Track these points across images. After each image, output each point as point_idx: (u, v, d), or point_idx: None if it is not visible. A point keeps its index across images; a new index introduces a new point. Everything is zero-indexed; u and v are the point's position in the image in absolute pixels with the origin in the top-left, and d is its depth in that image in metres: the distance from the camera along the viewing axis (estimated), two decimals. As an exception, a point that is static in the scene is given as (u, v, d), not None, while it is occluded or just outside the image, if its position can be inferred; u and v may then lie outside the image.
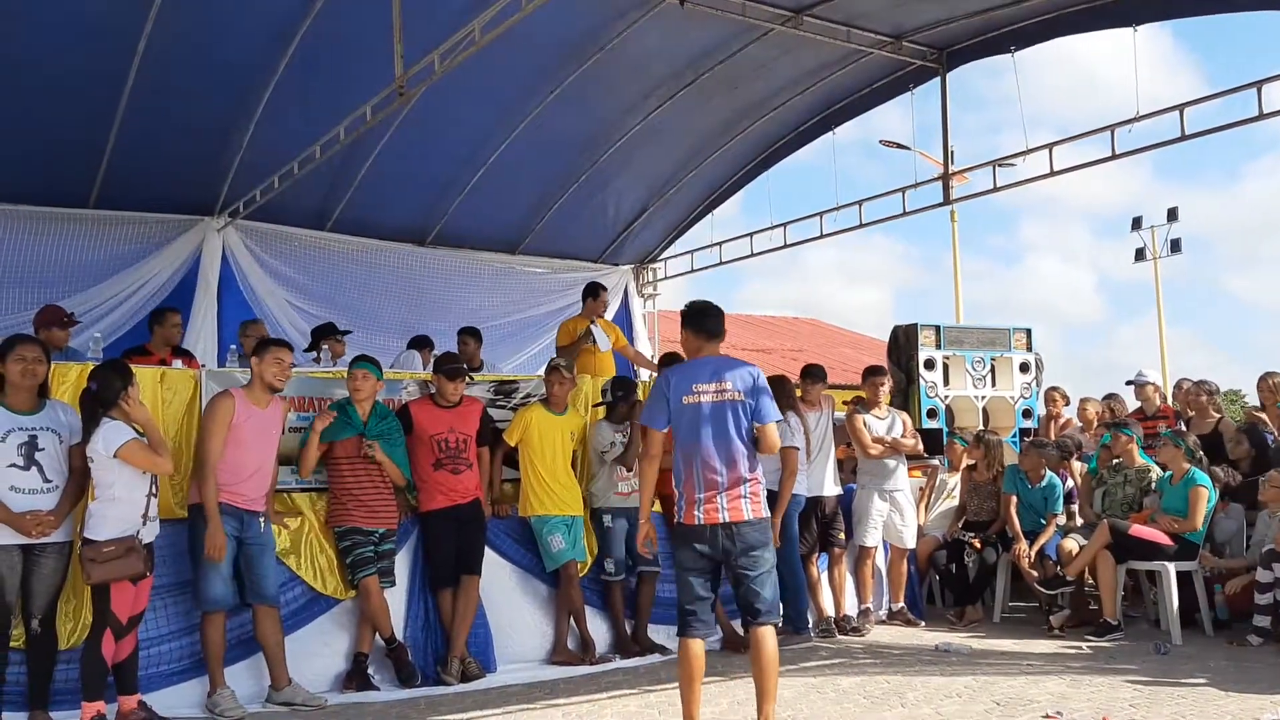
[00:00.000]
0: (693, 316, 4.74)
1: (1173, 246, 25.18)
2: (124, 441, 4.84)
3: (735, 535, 4.51)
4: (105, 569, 4.79)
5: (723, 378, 4.60)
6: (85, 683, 4.86)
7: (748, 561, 4.54)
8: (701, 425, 4.56)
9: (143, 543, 4.93)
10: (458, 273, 10.97)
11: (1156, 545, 7.03)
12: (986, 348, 9.54)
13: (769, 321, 26.73)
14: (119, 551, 4.81)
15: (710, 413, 4.56)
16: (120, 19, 7.18)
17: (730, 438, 4.55)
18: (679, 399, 4.58)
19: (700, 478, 4.55)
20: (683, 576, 4.60)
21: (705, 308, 4.76)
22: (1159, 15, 7.90)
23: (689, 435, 4.58)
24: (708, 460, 4.54)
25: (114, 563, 4.80)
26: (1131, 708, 5.11)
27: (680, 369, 4.72)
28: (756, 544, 4.55)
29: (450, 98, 8.48)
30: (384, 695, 5.73)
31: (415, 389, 6.63)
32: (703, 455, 4.55)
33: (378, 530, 5.92)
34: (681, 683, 4.56)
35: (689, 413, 4.57)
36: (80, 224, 9.01)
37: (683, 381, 4.62)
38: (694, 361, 4.71)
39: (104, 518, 4.86)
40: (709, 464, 4.54)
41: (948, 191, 9.21)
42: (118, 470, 4.86)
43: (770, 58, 8.91)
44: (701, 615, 4.58)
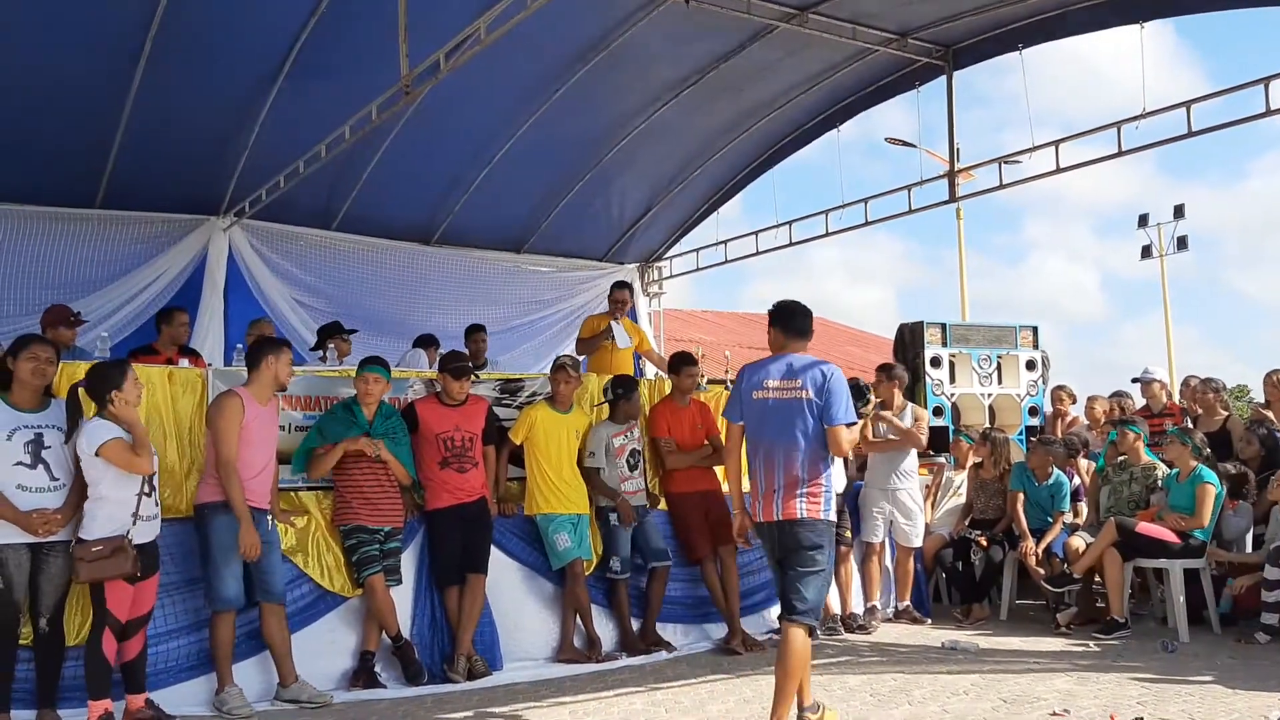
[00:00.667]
0: (781, 315, 4.79)
1: (1179, 244, 25.11)
2: (105, 440, 4.83)
3: (788, 534, 4.55)
4: (92, 568, 4.79)
5: (794, 376, 4.63)
6: (90, 681, 4.87)
7: (798, 559, 4.56)
8: (766, 421, 4.62)
9: (133, 542, 4.88)
10: (463, 272, 10.99)
11: (1163, 543, 7.01)
12: (993, 345, 9.53)
13: (774, 320, 26.67)
14: (106, 551, 4.80)
15: (775, 409, 4.61)
16: (126, 19, 7.20)
17: (794, 435, 4.56)
18: (749, 394, 4.65)
19: (763, 473, 4.62)
20: (776, 572, 4.73)
21: (795, 307, 4.81)
22: (1166, 12, 7.89)
23: (756, 430, 4.66)
24: (769, 456, 4.60)
25: (102, 562, 4.79)
26: (1139, 705, 5.09)
27: (757, 364, 4.76)
28: (808, 544, 4.55)
29: (455, 97, 8.48)
30: (390, 693, 5.74)
31: (421, 387, 6.64)
32: (765, 451, 4.62)
33: (383, 528, 5.92)
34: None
35: (757, 408, 4.65)
36: (86, 224, 9.04)
37: (755, 377, 4.68)
38: (770, 358, 4.75)
39: (94, 517, 4.87)
40: (770, 460, 4.60)
41: (953, 189, 9.19)
42: (103, 469, 4.85)
43: (775, 58, 8.90)
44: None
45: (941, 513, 8.50)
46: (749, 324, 25.47)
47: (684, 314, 22.10)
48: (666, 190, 11.07)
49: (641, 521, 6.80)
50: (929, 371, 9.04)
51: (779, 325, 4.79)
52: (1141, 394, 9.00)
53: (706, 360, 7.91)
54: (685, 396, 7.18)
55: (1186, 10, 7.90)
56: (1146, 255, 25.63)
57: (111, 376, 4.98)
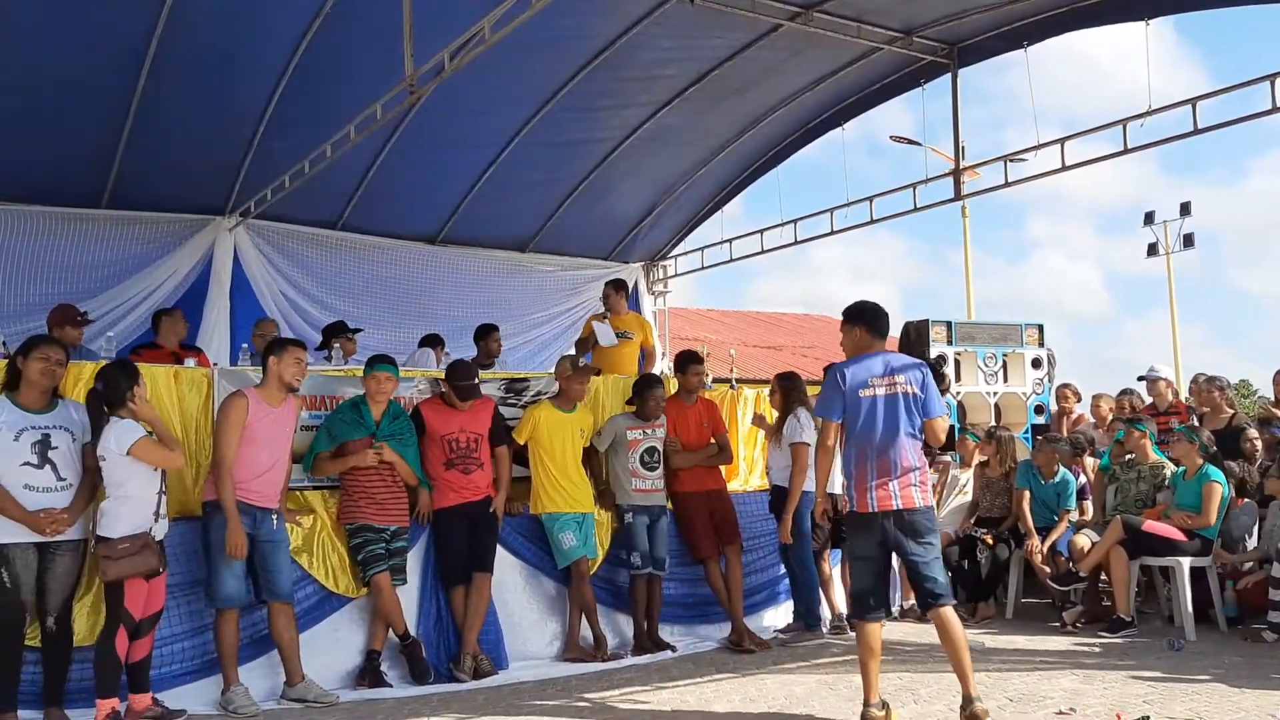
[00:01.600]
0: (867, 316, 5.00)
1: (1185, 241, 25.02)
2: (136, 439, 4.87)
3: (907, 522, 4.78)
4: (121, 566, 4.83)
5: (896, 373, 4.87)
6: (100, 680, 4.89)
7: (919, 548, 4.81)
8: (877, 417, 4.82)
9: (155, 539, 4.97)
10: (468, 271, 11.00)
11: (1170, 541, 7.00)
12: (998, 344, 9.52)
13: (779, 318, 26.70)
14: (134, 548, 4.85)
15: (885, 405, 4.83)
16: (131, 21, 7.21)
17: (901, 429, 4.81)
18: (855, 392, 4.83)
19: (874, 467, 4.79)
20: (857, 564, 4.96)
21: (878, 309, 5.04)
22: (1171, 8, 7.86)
23: (866, 427, 4.82)
24: (883, 450, 4.80)
25: (129, 559, 4.84)
26: (1145, 704, 5.08)
27: (854, 364, 4.92)
28: (925, 530, 4.82)
29: (460, 97, 8.49)
30: (397, 692, 5.75)
31: (426, 387, 6.64)
32: (878, 445, 4.80)
33: (389, 528, 5.93)
34: (867, 662, 4.81)
35: (865, 405, 4.83)
36: (92, 224, 9.08)
37: (859, 375, 4.86)
38: (866, 357, 4.94)
39: (117, 515, 4.89)
40: (884, 453, 4.79)
41: (958, 187, 9.18)
42: (130, 468, 4.88)
43: (780, 58, 8.90)
44: (876, 601, 4.85)
45: (947, 511, 8.48)
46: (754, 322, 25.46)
47: (689, 312, 22.11)
48: (671, 189, 11.07)
49: (655, 523, 6.80)
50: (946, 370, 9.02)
51: (865, 325, 4.99)
52: (1147, 392, 8.98)
53: (711, 359, 7.90)
54: (692, 395, 7.18)
55: (1192, 7, 7.89)
56: (1153, 253, 25.55)
57: (130, 375, 5.04)
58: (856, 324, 5.00)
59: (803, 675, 6.00)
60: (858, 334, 5.00)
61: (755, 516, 7.32)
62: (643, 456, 6.83)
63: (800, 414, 7.10)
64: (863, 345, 4.97)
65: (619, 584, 6.85)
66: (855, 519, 4.89)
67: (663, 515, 6.86)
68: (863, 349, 4.97)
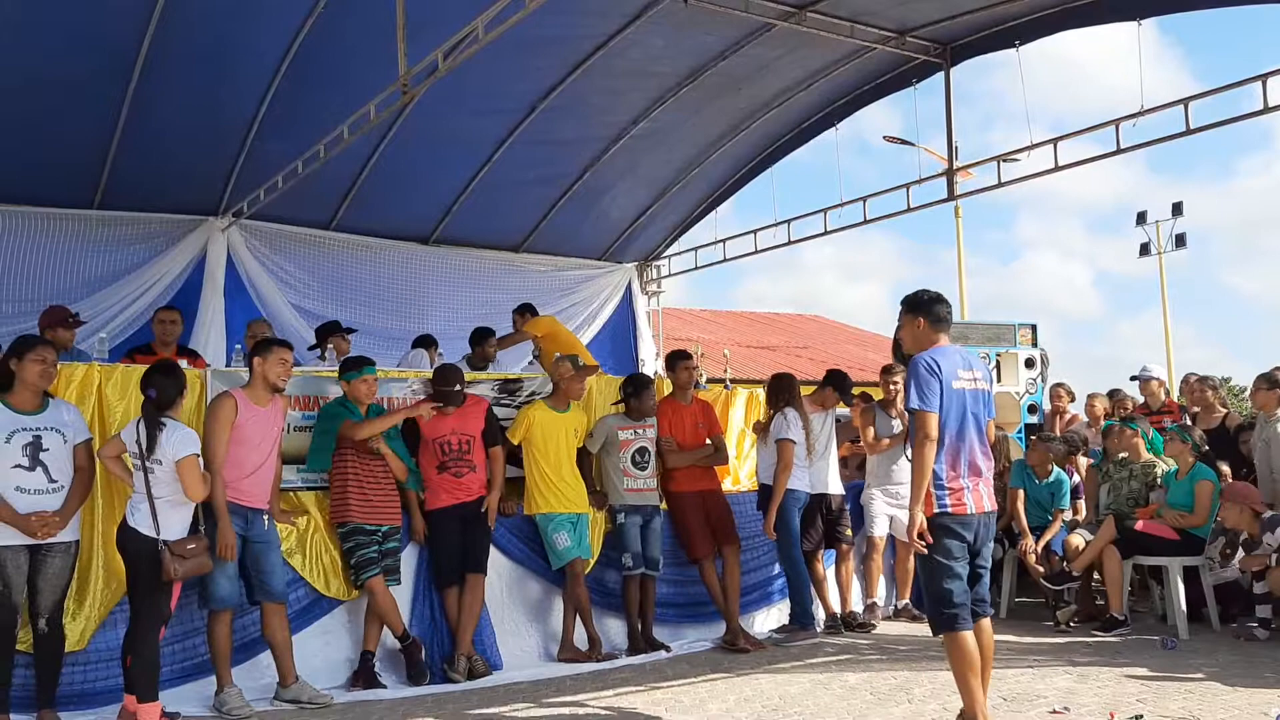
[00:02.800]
0: (934, 306, 4.63)
1: (1178, 241, 25.10)
2: (187, 454, 4.88)
3: (986, 526, 4.57)
4: (189, 566, 4.89)
5: (973, 367, 4.61)
6: (147, 683, 4.82)
7: (988, 551, 4.64)
8: (968, 412, 4.52)
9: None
10: (462, 271, 10.98)
11: (1163, 540, 7.01)
12: (991, 344, 9.52)
13: (774, 318, 26.72)
14: (200, 550, 4.93)
15: (972, 400, 4.55)
16: (123, 20, 7.18)
17: (983, 426, 4.60)
18: (949, 383, 4.49)
19: (968, 465, 4.51)
20: (951, 568, 4.46)
21: (941, 297, 4.67)
22: (1163, 8, 7.87)
23: (958, 421, 4.50)
24: (975, 447, 4.53)
25: (195, 560, 4.91)
26: (1138, 703, 5.10)
27: (941, 353, 4.55)
28: (993, 536, 4.69)
29: (454, 96, 8.48)
30: (390, 693, 5.74)
31: (420, 388, 6.63)
32: (970, 442, 4.52)
33: (381, 528, 5.91)
34: (967, 675, 4.41)
35: (958, 399, 4.50)
36: (85, 225, 9.04)
37: (950, 366, 4.51)
38: (949, 349, 4.61)
39: (170, 517, 4.89)
40: (975, 451, 4.53)
41: (952, 187, 9.19)
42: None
43: (773, 57, 8.90)
44: (967, 605, 4.48)
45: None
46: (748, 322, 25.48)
47: (682, 312, 22.12)
48: (665, 190, 11.06)
49: (648, 523, 6.79)
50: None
51: (932, 318, 4.61)
52: (1140, 392, 9.00)
53: (706, 359, 7.90)
54: (686, 393, 7.18)
55: (1184, 7, 7.89)
56: (1145, 253, 25.62)
57: (181, 378, 5.10)
58: (918, 314, 4.63)
59: (797, 675, 6.01)
60: (920, 326, 4.63)
61: (749, 516, 7.32)
62: (634, 456, 6.83)
63: (788, 413, 7.12)
64: (929, 339, 4.59)
65: (613, 584, 6.84)
66: (950, 520, 4.45)
67: (656, 515, 6.86)
68: (931, 341, 4.59)
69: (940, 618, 4.46)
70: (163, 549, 4.83)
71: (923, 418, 4.43)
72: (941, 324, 4.62)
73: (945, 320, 4.63)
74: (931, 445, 4.43)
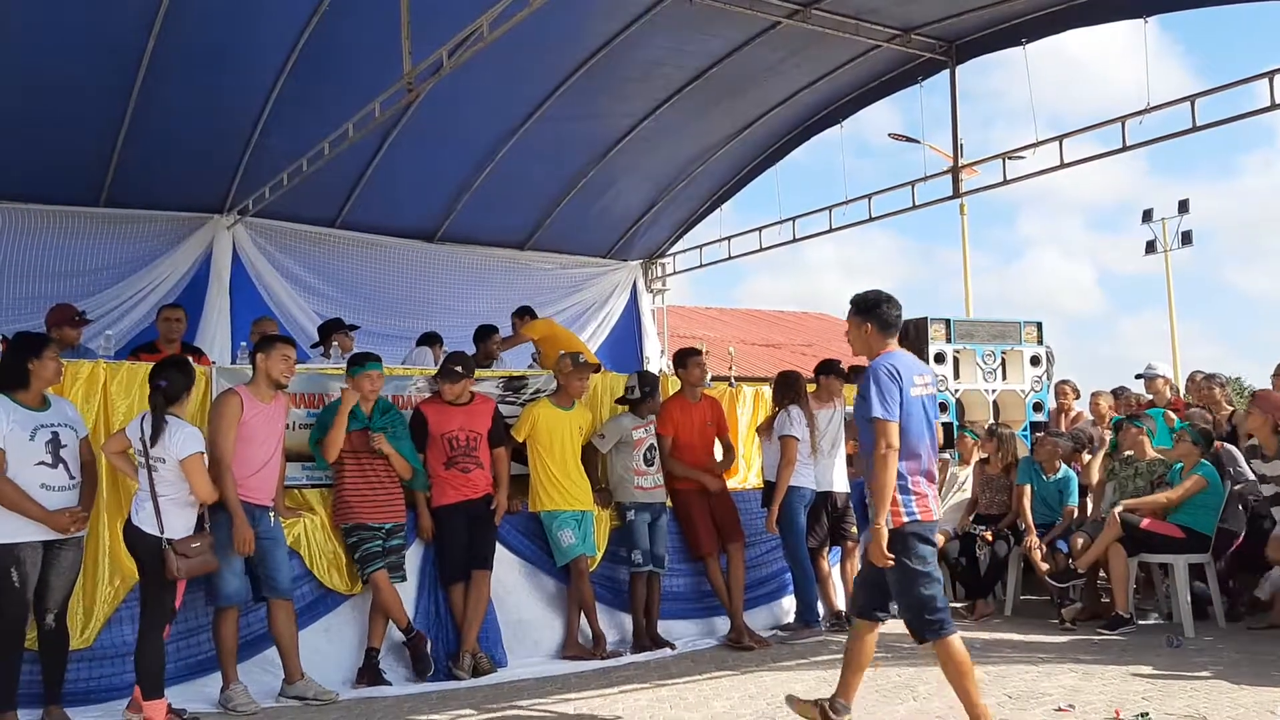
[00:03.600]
0: (879, 307, 4.47)
1: (1184, 239, 25.04)
2: (193, 453, 4.88)
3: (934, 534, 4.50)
4: (193, 565, 4.90)
5: (925, 372, 4.52)
6: (152, 680, 4.85)
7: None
8: (926, 419, 4.44)
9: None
10: (466, 269, 11.00)
11: (1169, 538, 6.99)
12: (997, 341, 9.51)
13: (779, 316, 26.71)
14: (205, 548, 4.94)
15: (927, 407, 4.45)
16: (129, 18, 7.21)
17: (935, 433, 4.51)
18: (908, 390, 4.35)
19: (925, 473, 4.44)
20: (930, 574, 4.39)
21: (891, 298, 4.50)
22: (1170, 5, 7.86)
23: (919, 428, 4.40)
24: (932, 455, 4.47)
25: (200, 559, 4.92)
26: (1144, 701, 5.09)
27: (899, 359, 4.42)
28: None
29: (459, 94, 8.48)
30: (395, 690, 5.74)
31: (425, 385, 6.64)
32: (928, 449, 4.44)
33: (385, 525, 5.93)
34: (963, 678, 4.39)
35: (917, 406, 4.39)
36: (91, 223, 9.07)
37: (908, 373, 4.38)
38: (902, 353, 4.49)
39: (174, 515, 4.89)
40: (932, 459, 4.47)
41: (957, 184, 9.18)
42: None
43: (778, 56, 8.89)
44: (949, 609, 4.46)
45: (946, 508, 8.47)
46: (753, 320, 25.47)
47: (687, 310, 22.12)
48: (670, 188, 11.06)
49: (656, 521, 6.80)
50: (933, 367, 9.01)
51: (882, 322, 4.46)
52: (1146, 390, 8.97)
53: (710, 357, 7.89)
54: (695, 391, 7.18)
55: (1189, 5, 7.87)
56: (1151, 250, 25.57)
57: (191, 374, 5.12)
58: (866, 317, 4.48)
59: (801, 672, 6.01)
60: (868, 330, 4.48)
61: (755, 514, 7.32)
62: (646, 454, 6.84)
63: (792, 410, 7.12)
64: (880, 344, 4.46)
65: (618, 581, 6.85)
66: (922, 527, 4.36)
67: (663, 513, 6.87)
68: (885, 346, 4.46)
69: (927, 625, 4.38)
70: (166, 547, 4.84)
71: (885, 427, 4.28)
72: (891, 328, 4.47)
73: (895, 324, 4.49)
74: (894, 456, 4.30)
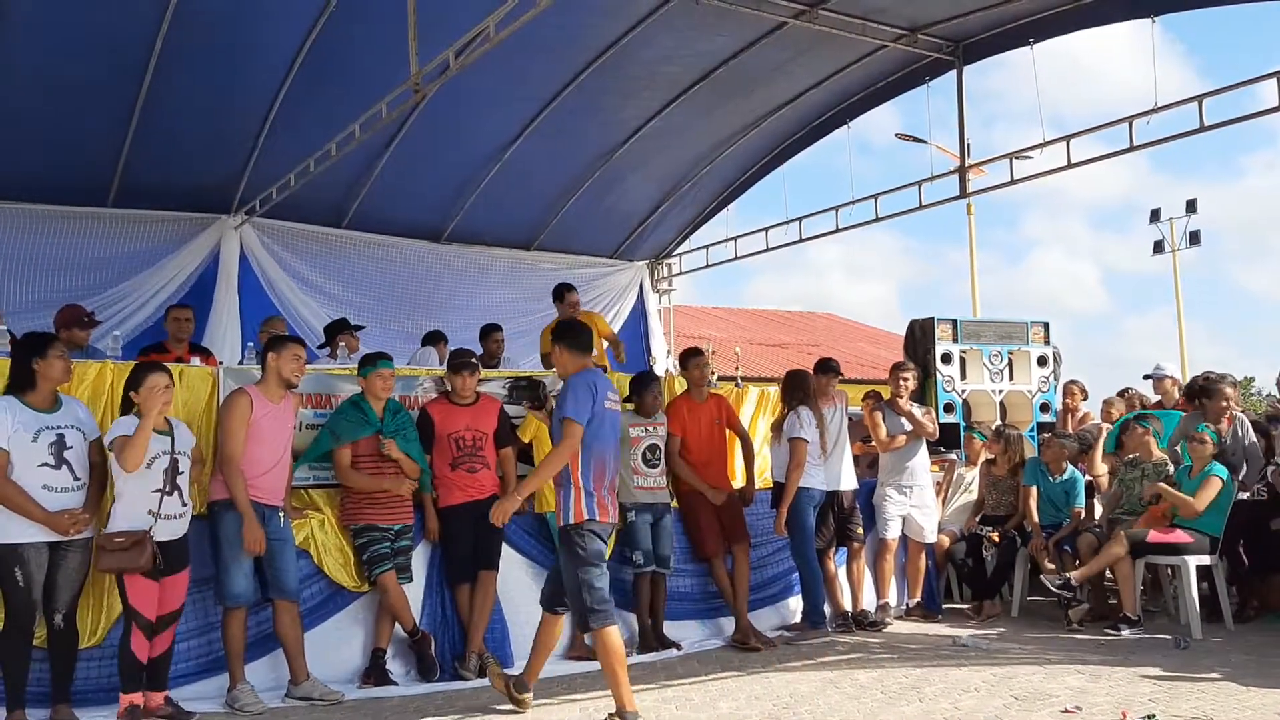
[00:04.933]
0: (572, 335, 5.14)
1: (1192, 239, 24.97)
2: (115, 435, 4.94)
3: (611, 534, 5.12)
4: (111, 559, 4.87)
5: (614, 392, 5.14)
6: (121, 676, 4.97)
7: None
8: (613, 429, 5.08)
9: (155, 540, 4.93)
10: (472, 269, 11.02)
11: (1177, 545, 6.95)
12: (1004, 341, 9.49)
13: (785, 316, 26.72)
14: (126, 544, 4.87)
15: (615, 419, 5.12)
16: (136, 18, 7.23)
17: (619, 446, 5.20)
18: (602, 402, 4.97)
19: (609, 478, 5.03)
20: (596, 570, 4.92)
21: (584, 327, 5.26)
22: (1177, 5, 7.83)
23: (609, 437, 5.03)
24: (614, 462, 5.10)
25: (120, 554, 4.86)
26: (1151, 703, 5.08)
27: (595, 376, 5.06)
28: None
29: (465, 95, 8.50)
30: (402, 690, 5.75)
31: (431, 385, 6.64)
32: (613, 457, 5.08)
33: (393, 526, 5.94)
34: (615, 667, 4.80)
35: (609, 418, 5.03)
36: (99, 223, 9.11)
37: (602, 389, 5.00)
38: (597, 372, 5.13)
39: (115, 511, 4.97)
40: (614, 466, 5.09)
41: (964, 184, 9.17)
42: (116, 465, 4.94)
43: (785, 56, 8.89)
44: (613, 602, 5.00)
45: (953, 509, 8.48)
46: (759, 320, 25.47)
47: (694, 310, 22.13)
48: (676, 188, 11.06)
49: (659, 521, 6.79)
50: (940, 368, 9.01)
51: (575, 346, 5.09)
52: (1154, 390, 8.95)
53: (717, 357, 7.89)
54: (701, 391, 7.17)
55: (1195, 5, 7.84)
56: (1159, 250, 25.51)
57: (133, 377, 5.13)
58: (562, 341, 5.12)
59: (807, 673, 6.00)
60: (561, 352, 5.10)
61: (763, 514, 7.32)
62: (644, 454, 6.82)
63: (801, 411, 7.11)
64: (576, 364, 5.05)
65: (623, 582, 6.83)
66: (598, 527, 4.93)
67: (666, 513, 6.86)
68: (579, 366, 5.05)
69: (591, 613, 4.86)
70: (96, 539, 4.94)
71: (571, 427, 4.86)
72: (582, 351, 5.11)
73: (586, 348, 5.14)
74: (570, 454, 4.86)
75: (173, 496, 5.04)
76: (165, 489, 4.99)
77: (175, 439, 5.09)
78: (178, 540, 5.09)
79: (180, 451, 5.09)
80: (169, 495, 5.02)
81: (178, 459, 5.05)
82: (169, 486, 4.99)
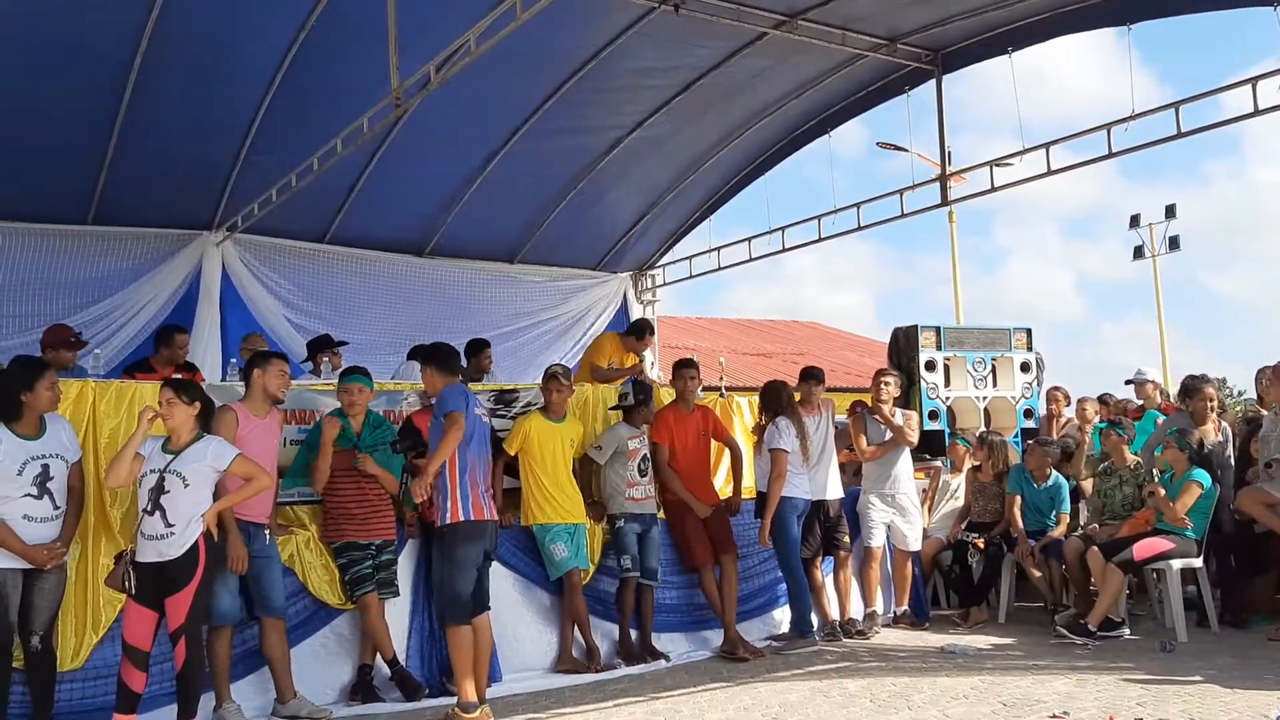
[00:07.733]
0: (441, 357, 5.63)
1: (1171, 244, 25.14)
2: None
3: (494, 531, 5.50)
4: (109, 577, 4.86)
5: (480, 405, 5.64)
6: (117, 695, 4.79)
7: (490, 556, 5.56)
8: (482, 438, 5.52)
9: (132, 560, 4.77)
10: (456, 283, 11.01)
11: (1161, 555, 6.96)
12: (987, 348, 9.52)
13: (769, 326, 26.76)
14: (114, 563, 4.84)
15: (485, 429, 5.60)
16: (116, 35, 7.21)
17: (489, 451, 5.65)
18: (471, 409, 5.40)
19: (482, 479, 5.45)
20: (466, 571, 5.30)
21: (451, 350, 5.76)
22: (1153, 13, 7.91)
23: (480, 443, 5.48)
24: (484, 466, 5.52)
25: (111, 574, 4.84)
26: (1138, 706, 5.09)
27: (464, 387, 5.53)
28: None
29: (447, 109, 8.50)
30: (389, 707, 5.72)
31: (416, 400, 6.63)
32: (484, 461, 5.52)
33: (374, 542, 5.90)
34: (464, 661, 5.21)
35: (480, 425, 5.52)
36: (79, 241, 9.06)
37: (472, 399, 5.48)
38: (458, 385, 5.51)
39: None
40: (483, 468, 5.50)
41: (945, 192, 9.22)
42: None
43: (765, 65, 8.94)
44: (476, 605, 5.35)
45: (938, 516, 8.50)
46: (743, 330, 25.51)
47: (677, 321, 22.13)
48: (659, 199, 11.09)
49: (646, 532, 6.78)
50: (924, 375, 9.03)
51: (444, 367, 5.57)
52: (1136, 395, 9.00)
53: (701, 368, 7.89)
54: (689, 402, 7.17)
55: (1174, 11, 7.93)
56: (1139, 256, 25.65)
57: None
58: (430, 364, 5.59)
59: (796, 682, 6.00)
60: (431, 373, 5.56)
61: (748, 524, 7.32)
62: (640, 465, 6.83)
63: (779, 422, 7.12)
64: (445, 380, 5.49)
65: (612, 595, 6.83)
66: (467, 527, 5.28)
67: (654, 524, 6.85)
68: (446, 382, 5.48)
69: (450, 610, 5.29)
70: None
71: (455, 417, 5.28)
72: (451, 371, 5.58)
73: (454, 369, 5.61)
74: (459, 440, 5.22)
75: (154, 516, 4.81)
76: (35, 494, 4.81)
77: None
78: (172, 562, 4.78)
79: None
80: (150, 515, 4.83)
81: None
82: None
